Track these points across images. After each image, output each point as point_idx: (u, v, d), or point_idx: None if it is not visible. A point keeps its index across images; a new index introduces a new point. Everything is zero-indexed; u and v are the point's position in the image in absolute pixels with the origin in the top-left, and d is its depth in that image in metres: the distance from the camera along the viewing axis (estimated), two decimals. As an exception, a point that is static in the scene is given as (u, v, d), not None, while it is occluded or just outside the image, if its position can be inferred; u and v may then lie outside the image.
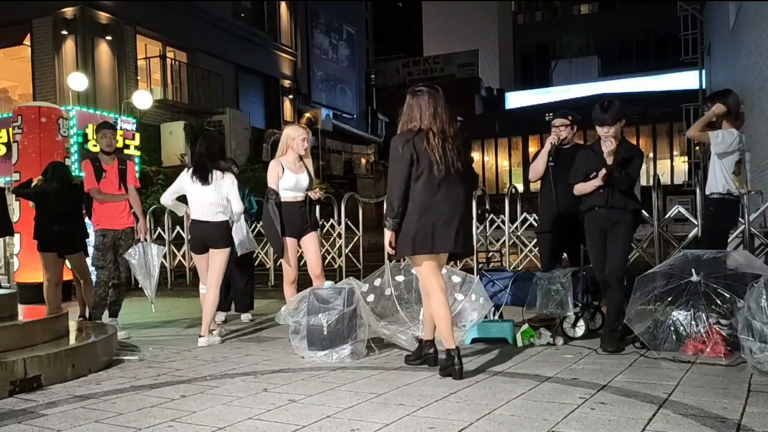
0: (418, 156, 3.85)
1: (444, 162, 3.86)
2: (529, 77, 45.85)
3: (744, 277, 4.34)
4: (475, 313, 5.03)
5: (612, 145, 4.54)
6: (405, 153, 3.85)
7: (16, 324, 4.55)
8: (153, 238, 10.85)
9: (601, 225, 4.64)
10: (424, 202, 3.87)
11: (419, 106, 3.94)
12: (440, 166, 3.85)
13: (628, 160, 4.56)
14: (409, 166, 3.85)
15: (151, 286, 5.97)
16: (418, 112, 3.93)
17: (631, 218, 4.63)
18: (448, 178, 3.88)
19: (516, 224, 10.46)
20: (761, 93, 11.86)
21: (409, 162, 3.85)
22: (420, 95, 3.97)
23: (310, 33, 25.06)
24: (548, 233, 5.67)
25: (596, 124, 4.60)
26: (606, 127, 4.53)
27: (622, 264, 4.62)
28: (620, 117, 4.56)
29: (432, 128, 3.89)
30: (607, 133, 4.55)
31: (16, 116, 9.26)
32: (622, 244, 4.62)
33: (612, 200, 4.57)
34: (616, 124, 4.55)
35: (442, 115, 3.93)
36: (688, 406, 3.16)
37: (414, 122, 3.94)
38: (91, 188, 5.91)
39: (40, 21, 15.70)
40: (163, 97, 17.49)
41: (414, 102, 3.97)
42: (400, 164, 3.87)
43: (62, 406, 3.54)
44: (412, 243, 3.90)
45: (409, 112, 3.97)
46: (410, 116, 3.96)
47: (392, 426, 2.99)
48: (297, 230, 5.39)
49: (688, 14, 21.24)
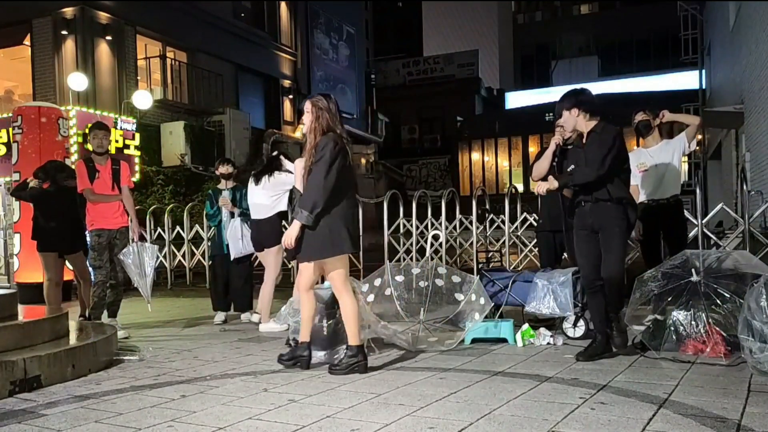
0: (347, 160, 4.07)
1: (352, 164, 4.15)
2: (529, 77, 45.80)
3: (744, 277, 4.35)
4: (475, 313, 5.04)
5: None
6: (342, 155, 4.02)
7: (16, 324, 4.55)
8: (153, 238, 10.85)
9: (587, 222, 4.39)
10: (345, 204, 4.08)
11: (329, 112, 4.10)
12: (354, 170, 4.13)
13: (590, 146, 4.41)
14: (342, 166, 4.02)
15: (146, 286, 5.96)
16: (331, 117, 4.10)
17: (622, 214, 4.30)
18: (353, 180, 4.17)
19: (516, 224, 10.47)
20: (761, 93, 11.86)
21: (343, 163, 4.02)
22: (327, 101, 4.14)
23: (310, 33, 25.05)
24: (549, 232, 5.69)
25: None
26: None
27: (618, 263, 4.33)
28: (572, 106, 4.42)
29: (342, 133, 4.10)
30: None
31: (16, 116, 9.26)
32: (615, 244, 4.31)
33: (597, 192, 4.32)
34: (565, 113, 4.46)
35: (342, 121, 4.18)
36: (688, 406, 3.16)
37: (332, 127, 4.09)
38: (84, 188, 5.92)
39: (40, 21, 15.68)
40: (163, 97, 17.47)
41: (324, 108, 4.11)
42: (336, 165, 4.00)
43: (62, 406, 3.54)
44: (341, 243, 4.04)
45: (322, 118, 4.09)
46: (327, 122, 4.08)
47: (392, 426, 2.99)
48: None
49: (688, 14, 21.25)
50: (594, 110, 4.44)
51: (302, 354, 4.28)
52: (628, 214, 4.38)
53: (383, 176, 29.88)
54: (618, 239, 4.35)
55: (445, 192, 10.50)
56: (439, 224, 9.83)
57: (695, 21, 21.34)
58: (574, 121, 4.46)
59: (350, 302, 4.14)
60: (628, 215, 4.38)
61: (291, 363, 4.29)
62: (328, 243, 4.03)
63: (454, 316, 5.17)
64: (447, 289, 5.19)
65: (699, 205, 7.75)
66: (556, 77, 43.42)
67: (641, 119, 5.49)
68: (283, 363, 4.30)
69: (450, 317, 5.20)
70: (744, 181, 8.16)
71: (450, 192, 10.77)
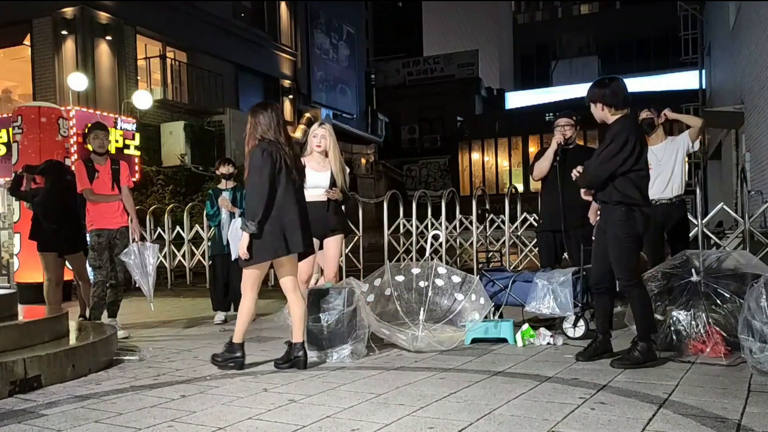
0: (278, 164, 4.22)
1: (295, 170, 4.31)
2: (529, 77, 45.83)
3: (744, 277, 4.35)
4: (475, 313, 5.04)
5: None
6: (269, 161, 4.19)
7: (16, 324, 4.55)
8: (153, 238, 10.85)
9: (600, 223, 4.31)
10: (282, 207, 4.24)
11: (263, 121, 4.30)
12: (293, 174, 4.28)
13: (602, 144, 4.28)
14: (274, 173, 4.20)
15: (149, 286, 5.97)
16: (265, 126, 4.29)
17: (622, 217, 4.07)
18: (295, 184, 4.32)
19: (516, 224, 10.47)
20: (761, 93, 11.86)
21: (274, 170, 4.20)
22: (262, 112, 4.32)
23: (310, 33, 25.05)
24: (549, 232, 5.70)
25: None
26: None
27: (623, 271, 4.10)
28: (595, 100, 4.23)
29: (279, 139, 4.28)
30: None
31: (16, 116, 9.27)
32: (615, 249, 4.12)
33: (602, 194, 4.20)
34: (591, 105, 4.28)
35: (284, 127, 4.36)
36: (688, 406, 3.16)
37: (266, 134, 4.28)
38: (83, 189, 5.92)
39: (40, 21, 15.69)
40: (163, 97, 17.47)
41: (257, 119, 4.31)
42: (265, 172, 4.17)
43: (62, 406, 3.54)
44: (279, 246, 4.23)
45: (255, 128, 4.30)
46: (261, 131, 4.29)
47: (392, 426, 2.99)
48: (320, 230, 5.21)
49: (688, 14, 21.25)
50: (617, 104, 4.18)
51: (297, 354, 4.29)
52: (634, 217, 4.08)
53: (383, 176, 29.90)
54: (616, 246, 4.11)
55: (445, 192, 10.50)
56: (439, 224, 9.83)
57: (695, 21, 21.34)
58: (600, 113, 4.24)
59: (297, 303, 4.37)
60: (633, 219, 4.08)
61: (287, 365, 4.29)
62: (268, 247, 4.23)
63: (454, 316, 5.17)
64: (447, 289, 5.19)
65: (699, 205, 7.75)
66: (556, 77, 43.47)
67: (645, 117, 5.48)
68: (280, 367, 4.30)
69: (450, 317, 5.20)
70: (744, 181, 8.18)
71: (450, 192, 10.77)
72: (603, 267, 4.24)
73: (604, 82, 4.29)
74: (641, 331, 4.10)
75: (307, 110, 24.16)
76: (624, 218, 4.09)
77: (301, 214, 4.30)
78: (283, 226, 4.23)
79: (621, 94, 4.19)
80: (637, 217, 4.09)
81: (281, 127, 4.33)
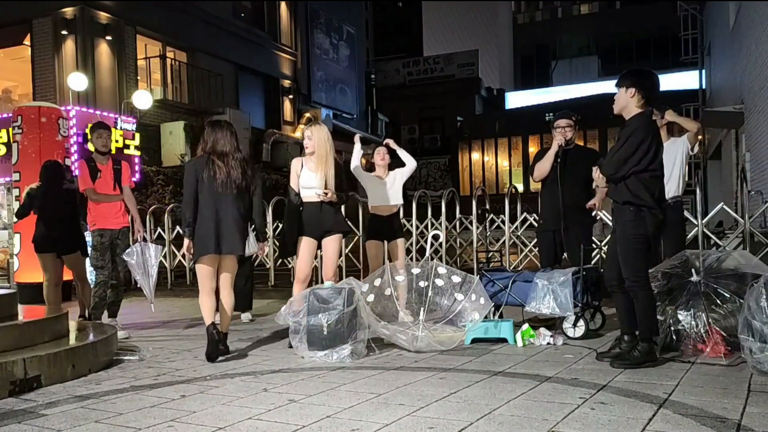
0: (202, 176, 4.75)
1: (225, 179, 4.76)
2: (529, 77, 45.86)
3: (744, 277, 4.34)
4: (475, 313, 5.04)
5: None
6: (192, 175, 4.78)
7: (16, 324, 4.54)
8: (153, 238, 10.85)
9: (612, 222, 4.32)
10: (203, 214, 4.75)
11: (210, 136, 4.86)
12: (215, 186, 4.74)
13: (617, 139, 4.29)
14: (195, 183, 4.76)
15: (150, 286, 5.97)
16: (206, 141, 4.87)
17: (629, 218, 4.06)
18: (226, 192, 4.77)
19: (516, 224, 10.46)
20: (761, 93, 11.86)
21: (195, 183, 4.76)
22: (211, 128, 4.92)
23: (310, 33, 25.04)
24: (549, 231, 5.70)
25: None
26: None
27: (629, 271, 4.09)
28: (632, 86, 4.13)
29: (213, 147, 4.81)
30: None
31: (16, 116, 9.26)
32: (622, 249, 4.13)
33: (613, 193, 4.20)
34: (621, 90, 4.20)
35: (230, 141, 4.87)
36: (688, 406, 3.16)
37: (206, 148, 4.85)
38: (86, 188, 5.91)
39: (40, 21, 15.68)
40: (163, 97, 17.47)
41: (206, 133, 4.91)
42: (187, 184, 4.79)
43: (62, 406, 3.54)
44: (203, 247, 4.74)
45: (202, 140, 4.92)
46: (202, 145, 4.91)
47: (392, 426, 2.99)
48: (317, 231, 5.25)
49: (688, 14, 21.27)
50: (650, 97, 4.11)
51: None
52: (643, 218, 4.04)
53: (383, 176, 29.81)
54: (623, 246, 4.11)
55: (445, 192, 10.49)
56: (439, 224, 9.82)
57: (695, 21, 21.36)
58: (626, 100, 4.13)
59: (227, 297, 4.90)
60: (641, 220, 4.04)
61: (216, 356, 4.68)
62: (196, 248, 4.79)
63: (454, 316, 5.17)
64: (447, 289, 5.19)
65: (699, 205, 7.74)
66: (556, 77, 43.50)
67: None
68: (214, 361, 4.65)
69: (450, 317, 5.19)
70: (744, 181, 8.18)
71: (450, 192, 10.77)
72: (616, 265, 4.22)
73: (647, 72, 4.24)
74: (643, 332, 4.10)
75: (307, 110, 24.16)
76: (632, 219, 4.06)
77: (217, 222, 4.74)
78: (200, 232, 4.74)
79: (657, 89, 4.18)
80: (647, 218, 4.05)
81: (227, 141, 4.85)
